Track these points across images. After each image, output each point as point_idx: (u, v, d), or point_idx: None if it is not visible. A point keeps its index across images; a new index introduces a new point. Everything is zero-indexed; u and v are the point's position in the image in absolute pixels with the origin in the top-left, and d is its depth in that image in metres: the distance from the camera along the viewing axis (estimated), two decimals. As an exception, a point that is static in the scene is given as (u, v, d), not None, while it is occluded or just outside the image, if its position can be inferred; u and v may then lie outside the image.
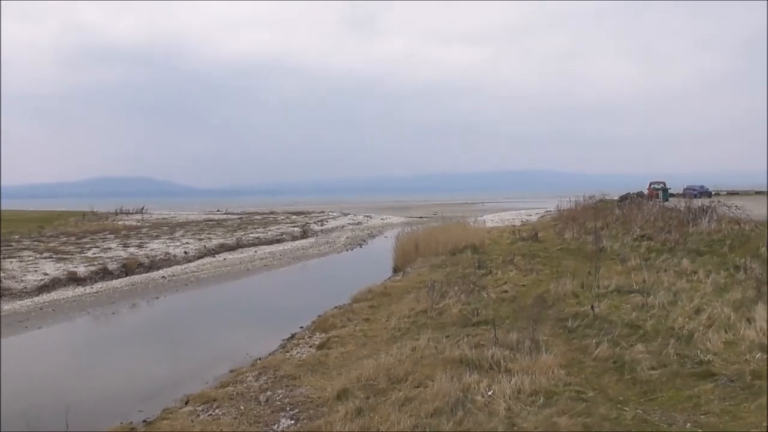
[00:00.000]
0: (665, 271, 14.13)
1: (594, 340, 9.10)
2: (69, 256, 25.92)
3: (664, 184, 41.93)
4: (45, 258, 25.20)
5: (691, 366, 7.82)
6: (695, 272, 13.62)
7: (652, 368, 7.82)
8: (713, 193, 42.97)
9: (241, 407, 8.34)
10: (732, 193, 43.83)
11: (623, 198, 34.37)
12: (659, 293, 11.50)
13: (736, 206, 21.68)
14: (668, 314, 10.20)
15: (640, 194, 37.44)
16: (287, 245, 36.14)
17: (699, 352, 8.23)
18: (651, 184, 42.78)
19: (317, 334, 12.84)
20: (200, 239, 34.15)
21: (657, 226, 20.65)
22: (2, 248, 27.20)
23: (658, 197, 35.52)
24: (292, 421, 7.67)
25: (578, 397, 6.99)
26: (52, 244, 29.59)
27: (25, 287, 20.41)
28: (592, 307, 10.88)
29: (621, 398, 7.07)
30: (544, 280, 15.11)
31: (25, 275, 21.58)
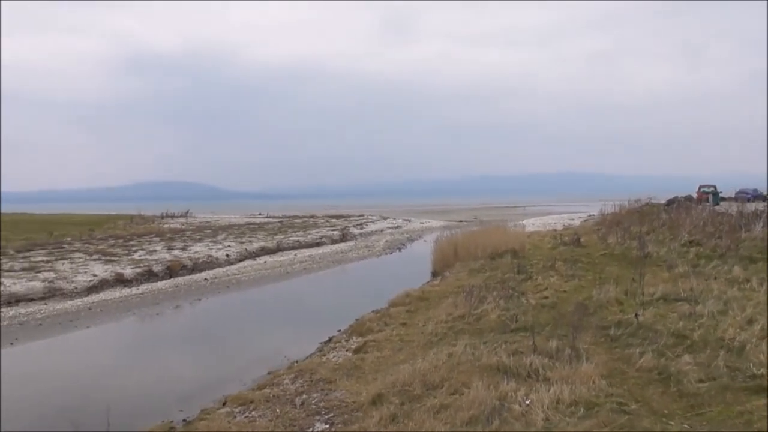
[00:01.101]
0: (715, 278, 13.60)
1: (638, 350, 8.79)
2: (117, 258, 26.74)
3: (714, 187, 40.37)
4: (94, 260, 26.07)
5: (742, 380, 7.47)
6: (748, 280, 13.07)
7: (700, 381, 7.49)
8: None
9: (277, 410, 8.39)
10: None
11: (670, 202, 33.33)
12: (708, 302, 11.05)
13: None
14: (718, 324, 9.76)
15: (688, 198, 36.22)
16: (326, 248, 36.39)
17: (751, 365, 7.84)
18: (700, 187, 41.25)
19: (354, 337, 12.86)
20: (242, 242, 34.74)
21: (706, 231, 19.92)
22: (56, 250, 28.28)
23: (707, 201, 34.25)
24: (327, 425, 7.66)
25: (620, 409, 6.73)
26: (101, 247, 30.59)
27: (76, 288, 21.13)
28: (636, 315, 10.54)
29: (666, 412, 6.79)
30: (586, 286, 14.72)
31: (76, 276, 22.35)
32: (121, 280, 22.91)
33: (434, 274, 23.35)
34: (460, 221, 55.79)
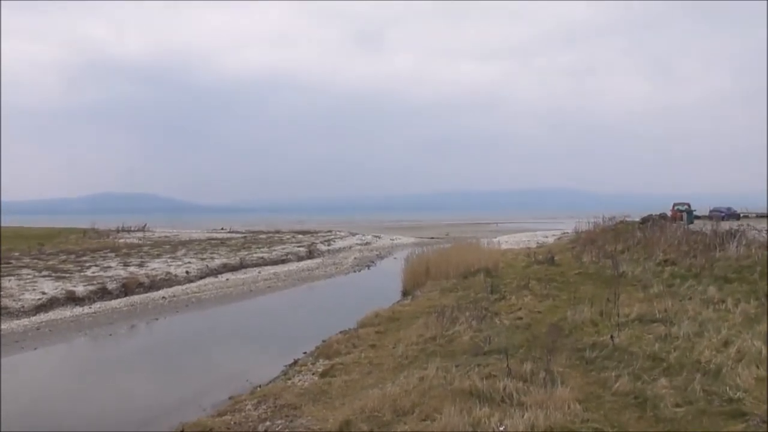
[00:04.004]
0: (690, 299, 13.65)
1: (613, 373, 8.66)
2: (68, 275, 25.61)
3: (688, 205, 40.53)
4: (44, 276, 24.91)
5: (719, 404, 7.38)
6: (723, 301, 13.12)
7: (677, 405, 7.38)
8: (741, 215, 41.68)
9: (237, 439, 7.85)
10: (762, 216, 42.23)
11: (645, 220, 33.37)
12: (684, 323, 11.01)
13: (766, 230, 20.96)
14: (694, 346, 9.70)
15: (663, 216, 36.37)
16: (292, 266, 35.75)
17: (728, 388, 7.75)
18: (675, 205, 41.52)
19: (320, 360, 12.56)
20: (203, 259, 33.75)
21: (681, 250, 19.97)
22: (1, 266, 26.90)
23: (682, 219, 34.42)
24: (291, 456, 7.17)
25: (597, 435, 6.48)
26: (51, 262, 29.29)
27: (23, 306, 20.08)
28: (612, 336, 10.42)
29: (644, 438, 6.54)
30: (561, 306, 14.64)
31: (23, 294, 21.28)
32: (72, 299, 21.90)
33: (405, 294, 23.05)
34: (432, 238, 55.79)
